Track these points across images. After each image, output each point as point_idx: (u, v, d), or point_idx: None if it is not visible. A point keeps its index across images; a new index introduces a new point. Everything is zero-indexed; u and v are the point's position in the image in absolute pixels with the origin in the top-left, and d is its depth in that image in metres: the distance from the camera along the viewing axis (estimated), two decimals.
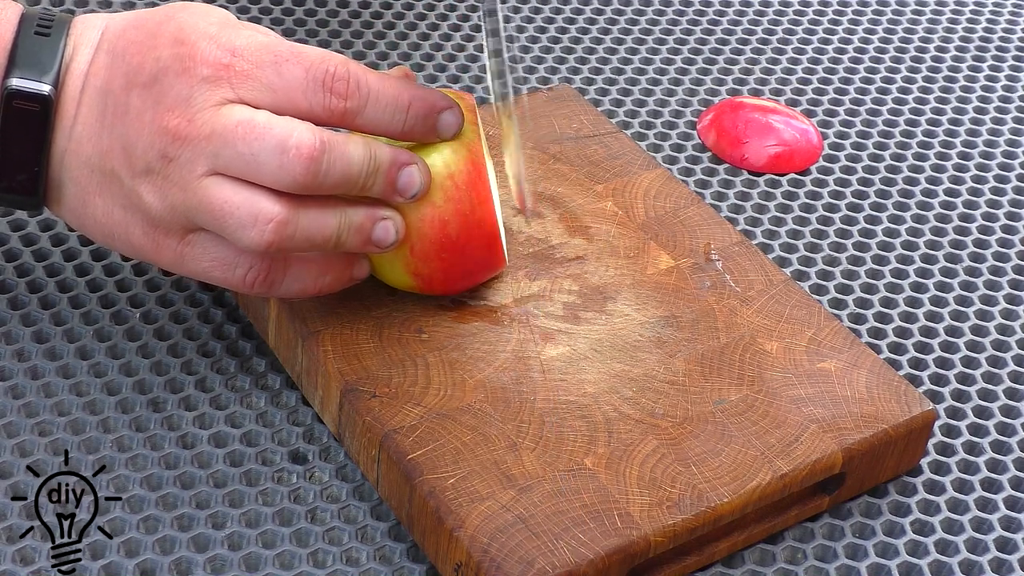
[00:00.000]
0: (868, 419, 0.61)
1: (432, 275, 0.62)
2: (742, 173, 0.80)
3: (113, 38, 0.59)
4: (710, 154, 0.81)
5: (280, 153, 0.55)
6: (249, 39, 0.58)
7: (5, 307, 0.69)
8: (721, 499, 0.57)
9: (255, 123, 0.56)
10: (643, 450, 0.59)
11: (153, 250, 0.60)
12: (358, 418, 0.59)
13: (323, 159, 0.56)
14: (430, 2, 0.91)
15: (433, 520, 0.56)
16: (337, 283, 0.61)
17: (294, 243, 0.57)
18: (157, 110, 0.57)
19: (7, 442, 0.62)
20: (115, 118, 0.58)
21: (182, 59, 0.57)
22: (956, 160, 0.83)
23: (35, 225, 0.72)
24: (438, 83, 0.85)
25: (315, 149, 0.56)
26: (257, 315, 0.66)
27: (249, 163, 0.56)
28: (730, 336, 0.64)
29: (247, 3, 0.89)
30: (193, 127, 0.56)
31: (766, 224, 0.77)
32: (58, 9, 0.82)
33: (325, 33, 0.88)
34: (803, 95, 0.87)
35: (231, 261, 0.59)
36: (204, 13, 0.59)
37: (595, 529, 0.55)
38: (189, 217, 0.58)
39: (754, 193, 0.79)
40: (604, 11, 0.92)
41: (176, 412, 0.64)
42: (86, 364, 0.66)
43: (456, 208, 0.60)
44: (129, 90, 0.58)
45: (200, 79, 0.56)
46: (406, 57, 0.87)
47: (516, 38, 0.89)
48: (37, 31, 0.59)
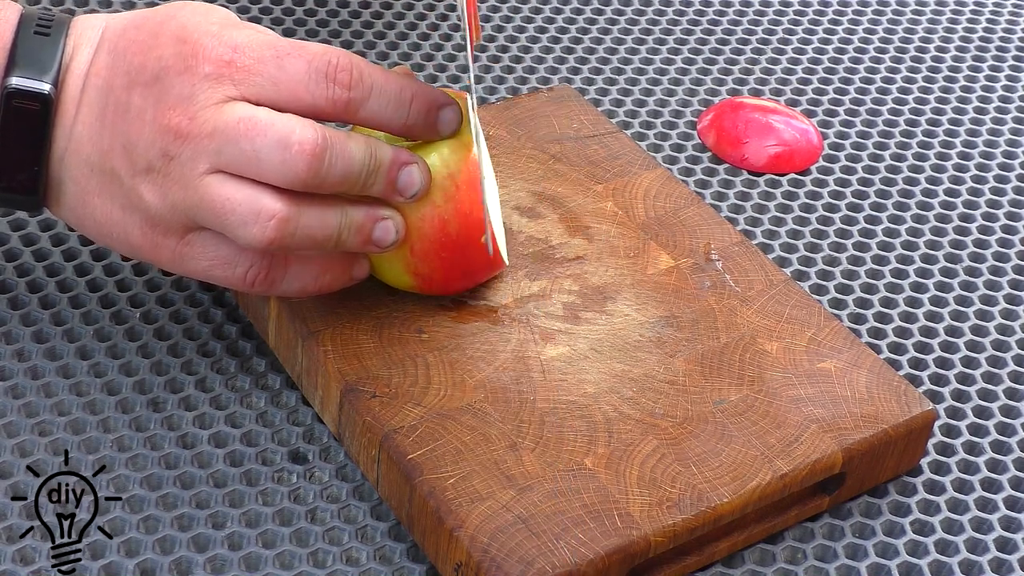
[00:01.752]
0: (868, 419, 0.61)
1: (432, 274, 0.62)
2: (742, 173, 0.80)
3: (114, 37, 0.59)
4: (710, 154, 0.81)
5: (282, 149, 0.55)
6: (250, 36, 0.58)
7: (5, 307, 0.69)
8: (721, 499, 0.57)
9: (257, 120, 0.56)
10: (643, 450, 0.59)
11: (152, 250, 0.60)
12: (358, 418, 0.59)
13: (325, 156, 0.56)
14: (430, 2, 0.91)
15: (433, 520, 0.56)
16: (337, 282, 0.61)
17: (295, 241, 0.57)
18: (159, 108, 0.57)
19: (7, 442, 0.62)
20: (116, 117, 0.58)
21: (184, 57, 0.57)
22: (956, 160, 0.83)
23: (35, 225, 0.72)
24: (438, 83, 0.85)
25: (317, 146, 0.56)
26: (257, 315, 0.66)
27: (251, 160, 0.56)
28: (730, 336, 0.64)
29: (247, 3, 0.90)
30: (195, 125, 0.56)
31: (766, 224, 0.77)
32: (58, 9, 0.82)
33: (325, 33, 0.88)
34: (803, 95, 0.87)
35: (231, 259, 0.59)
36: (205, 12, 0.59)
37: (595, 529, 0.55)
38: (190, 215, 0.58)
39: (754, 193, 0.79)
40: (604, 11, 0.92)
41: (176, 412, 0.64)
42: (86, 364, 0.66)
43: (456, 208, 0.60)
44: (131, 89, 0.58)
45: (202, 76, 0.56)
46: (406, 57, 0.87)
47: (516, 38, 0.89)
48: (37, 31, 0.59)
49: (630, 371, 0.62)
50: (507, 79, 0.86)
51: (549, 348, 0.63)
